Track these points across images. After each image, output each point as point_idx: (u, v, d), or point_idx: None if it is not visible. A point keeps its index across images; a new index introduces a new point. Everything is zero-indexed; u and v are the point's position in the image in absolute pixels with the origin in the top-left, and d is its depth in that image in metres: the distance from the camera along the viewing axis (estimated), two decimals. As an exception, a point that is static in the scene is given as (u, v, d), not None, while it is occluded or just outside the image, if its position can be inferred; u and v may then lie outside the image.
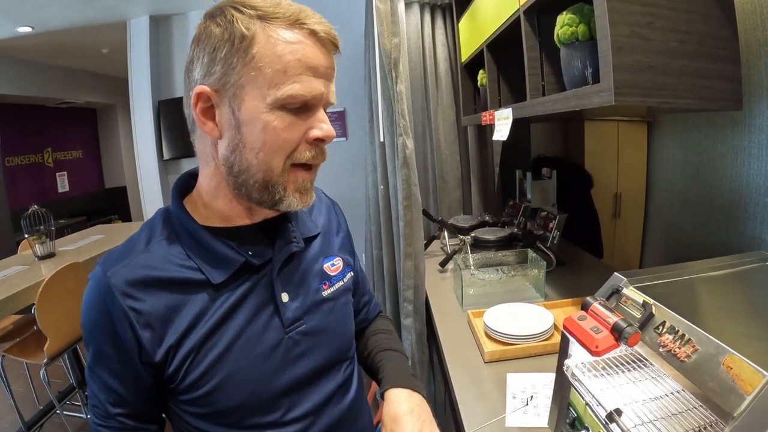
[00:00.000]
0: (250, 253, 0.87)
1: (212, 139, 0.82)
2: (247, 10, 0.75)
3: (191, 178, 0.94)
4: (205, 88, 0.77)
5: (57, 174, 7.51)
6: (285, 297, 0.91)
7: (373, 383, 1.25)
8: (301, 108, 0.78)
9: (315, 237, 1.03)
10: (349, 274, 1.08)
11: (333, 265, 1.03)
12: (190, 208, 0.89)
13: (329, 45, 0.81)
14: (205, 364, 0.82)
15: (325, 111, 0.83)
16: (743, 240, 1.42)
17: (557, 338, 1.32)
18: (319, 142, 0.82)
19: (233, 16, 0.75)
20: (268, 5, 0.76)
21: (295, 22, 0.76)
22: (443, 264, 2.34)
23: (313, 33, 0.77)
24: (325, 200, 1.16)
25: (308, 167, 0.84)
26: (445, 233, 2.60)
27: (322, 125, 0.81)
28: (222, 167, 0.82)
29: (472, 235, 2.35)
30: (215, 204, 0.88)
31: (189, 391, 0.83)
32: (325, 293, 0.98)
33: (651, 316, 0.71)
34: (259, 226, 0.92)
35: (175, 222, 0.88)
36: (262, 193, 0.81)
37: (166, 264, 0.83)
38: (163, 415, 0.93)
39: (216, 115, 0.79)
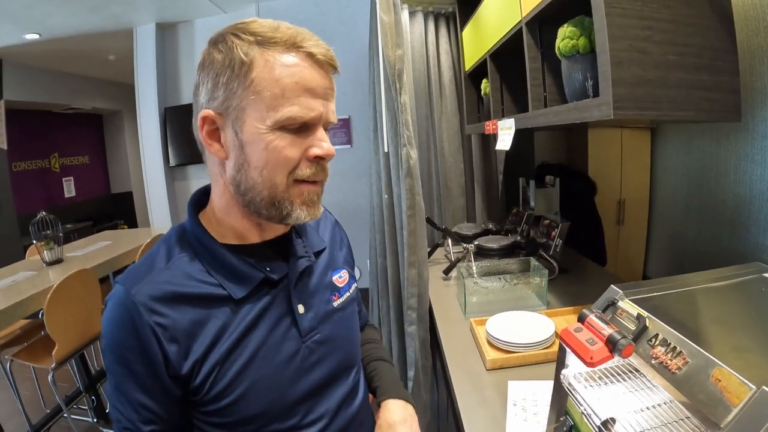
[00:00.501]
0: (268, 269, 0.91)
1: (219, 159, 0.85)
2: (247, 36, 0.79)
3: (204, 195, 0.97)
4: (210, 112, 0.81)
5: (63, 179, 7.57)
6: (301, 309, 0.94)
7: None
8: (301, 128, 0.81)
9: (322, 251, 1.08)
10: (354, 285, 1.12)
11: (341, 277, 1.08)
12: (205, 224, 0.92)
13: (327, 66, 0.83)
14: (230, 375, 0.84)
15: (326, 130, 0.86)
16: (746, 246, 1.42)
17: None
18: (320, 159, 0.85)
19: (233, 42, 0.79)
20: (266, 30, 0.79)
21: (292, 46, 0.79)
22: (447, 272, 2.35)
23: (310, 55, 0.80)
24: (330, 218, 1.21)
25: (314, 181, 0.87)
26: (449, 241, 2.62)
27: (321, 144, 0.84)
28: (230, 186, 0.85)
29: (476, 243, 2.37)
30: (227, 221, 0.91)
31: (213, 402, 0.85)
32: (335, 303, 1.03)
33: (645, 328, 0.73)
34: (272, 242, 0.96)
35: (192, 239, 0.91)
36: (270, 209, 0.84)
37: (188, 280, 0.85)
38: None
39: (221, 137, 0.83)
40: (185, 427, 0.91)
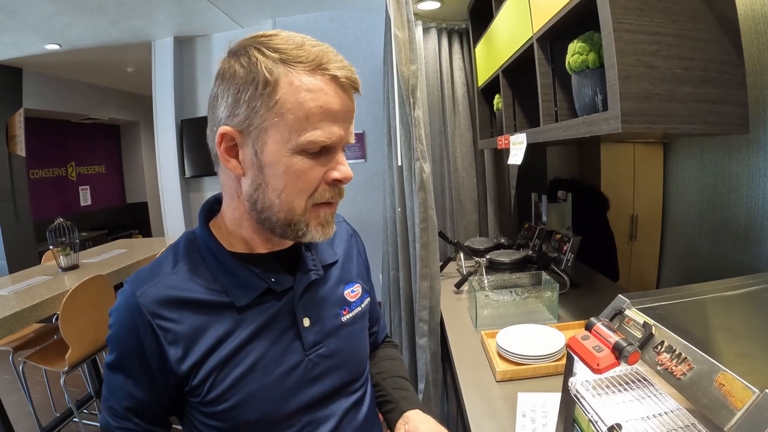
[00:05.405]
0: (272, 279, 0.90)
1: (236, 175, 0.85)
2: (270, 54, 0.77)
3: (216, 202, 0.98)
4: (229, 129, 0.80)
5: (80, 188, 7.66)
6: (306, 322, 0.94)
7: None
8: (321, 151, 0.81)
9: (334, 264, 1.06)
10: (367, 300, 1.10)
11: (353, 291, 1.06)
12: (215, 232, 0.93)
13: (350, 89, 0.83)
14: (228, 381, 0.85)
15: (343, 150, 0.87)
16: (760, 261, 1.41)
17: (567, 358, 1.34)
18: (338, 182, 0.85)
19: (257, 58, 0.77)
20: (291, 47, 0.78)
21: (317, 67, 0.78)
22: (458, 285, 2.37)
23: (334, 78, 0.79)
24: (346, 228, 1.18)
25: (329, 203, 0.87)
26: (461, 255, 2.63)
27: (341, 167, 0.84)
28: (246, 203, 0.86)
29: (488, 257, 2.37)
30: (238, 232, 0.91)
31: (211, 405, 0.86)
32: (344, 318, 1.01)
33: (651, 336, 0.73)
34: (279, 254, 0.95)
35: (201, 245, 0.91)
36: (285, 229, 0.85)
37: (192, 285, 0.86)
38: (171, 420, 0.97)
39: (240, 154, 0.82)
40: (166, 420, 0.93)
